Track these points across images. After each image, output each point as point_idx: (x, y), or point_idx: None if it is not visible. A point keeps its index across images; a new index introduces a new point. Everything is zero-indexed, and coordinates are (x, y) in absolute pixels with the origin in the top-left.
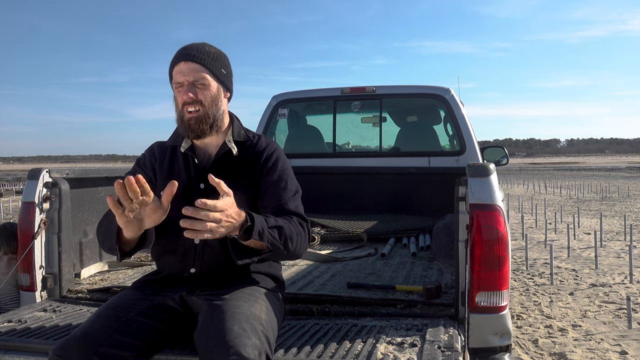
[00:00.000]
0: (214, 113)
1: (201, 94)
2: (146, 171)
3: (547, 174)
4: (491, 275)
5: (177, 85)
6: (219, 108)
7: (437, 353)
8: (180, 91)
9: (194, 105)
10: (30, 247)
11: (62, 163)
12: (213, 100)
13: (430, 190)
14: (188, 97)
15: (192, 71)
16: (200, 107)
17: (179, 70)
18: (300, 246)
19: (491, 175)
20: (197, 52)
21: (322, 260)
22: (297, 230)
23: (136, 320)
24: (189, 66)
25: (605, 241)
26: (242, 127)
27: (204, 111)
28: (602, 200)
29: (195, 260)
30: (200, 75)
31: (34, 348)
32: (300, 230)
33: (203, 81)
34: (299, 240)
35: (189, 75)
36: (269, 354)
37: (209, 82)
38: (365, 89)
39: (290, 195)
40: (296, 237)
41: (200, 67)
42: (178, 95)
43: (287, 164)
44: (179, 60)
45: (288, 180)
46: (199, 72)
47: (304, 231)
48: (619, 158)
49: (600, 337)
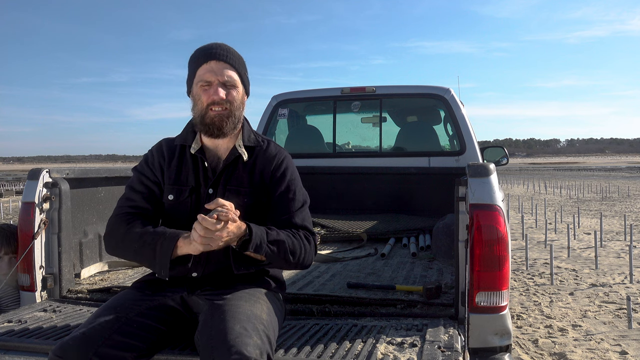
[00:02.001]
0: (239, 115)
1: (230, 95)
2: (154, 171)
3: (547, 174)
4: (491, 275)
5: (205, 83)
6: (242, 110)
7: (437, 353)
8: (208, 90)
9: (221, 105)
10: (30, 247)
11: (62, 163)
12: (240, 102)
13: (430, 190)
14: (218, 96)
15: (224, 71)
16: (228, 106)
17: (209, 69)
18: (304, 259)
19: (491, 175)
20: (227, 53)
21: (322, 260)
22: (301, 244)
23: (136, 321)
24: (220, 66)
25: (605, 241)
26: (252, 131)
27: (230, 110)
28: (602, 200)
29: (197, 266)
30: (231, 76)
31: (33, 348)
32: (305, 244)
33: (233, 82)
34: (302, 253)
35: (220, 75)
36: (270, 353)
37: (237, 84)
38: (365, 89)
39: (297, 206)
40: (299, 251)
41: (231, 67)
42: (204, 93)
43: (295, 173)
44: (209, 58)
45: (296, 191)
46: (229, 72)
47: (309, 245)
48: (619, 158)
49: (600, 337)
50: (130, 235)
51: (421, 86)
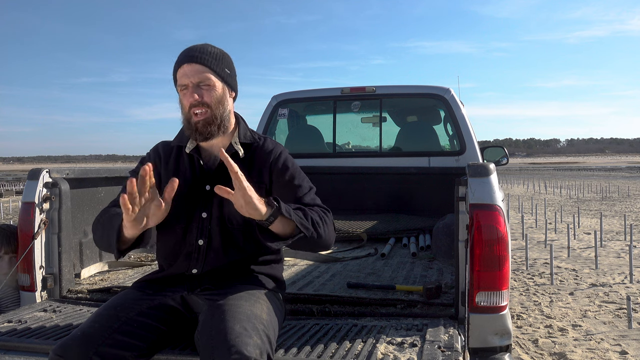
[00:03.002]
0: (221, 114)
1: (207, 96)
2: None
3: (547, 174)
4: (491, 275)
5: (182, 87)
6: (225, 108)
7: (437, 353)
8: (186, 94)
9: (200, 107)
10: (30, 247)
11: (62, 163)
12: (219, 101)
13: (430, 190)
14: (194, 99)
15: (196, 73)
16: (206, 108)
17: (182, 73)
18: (328, 232)
19: (491, 175)
20: (199, 54)
21: (322, 260)
22: (321, 216)
23: (136, 320)
24: (193, 68)
25: (605, 241)
26: (248, 129)
27: (211, 113)
28: (602, 200)
29: (197, 262)
30: (204, 77)
31: (34, 348)
32: (324, 216)
33: (208, 82)
34: (325, 226)
35: (193, 77)
36: (270, 353)
37: (213, 83)
38: (365, 89)
39: (305, 191)
40: (322, 223)
41: (204, 68)
42: (184, 97)
43: (296, 164)
44: (182, 62)
45: (301, 178)
46: (202, 73)
47: (327, 218)
48: (619, 158)
49: (600, 337)
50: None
51: (421, 86)
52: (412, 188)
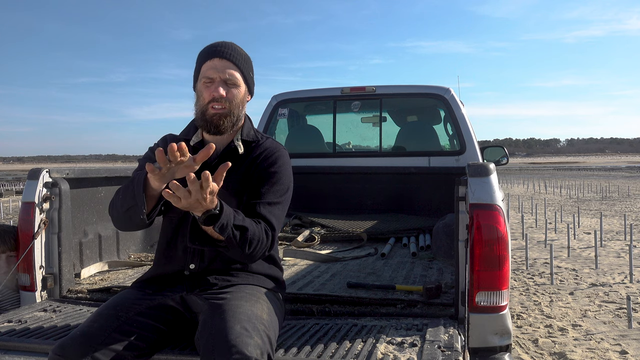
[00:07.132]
0: (238, 113)
1: (230, 93)
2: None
3: (547, 173)
4: (491, 275)
5: (207, 80)
6: (242, 109)
7: (437, 353)
8: (210, 87)
9: (221, 102)
10: (30, 247)
11: (62, 163)
12: (240, 101)
13: (430, 190)
14: (218, 94)
15: (226, 69)
16: (227, 105)
17: (212, 66)
18: (257, 252)
19: (491, 175)
20: (231, 51)
21: (322, 260)
22: (260, 237)
23: (136, 320)
24: (223, 64)
25: (605, 241)
26: (253, 128)
27: (229, 109)
28: (602, 200)
29: (195, 256)
30: (233, 74)
31: (33, 348)
32: (263, 238)
33: (235, 80)
34: (258, 246)
35: (222, 73)
36: (270, 353)
37: (240, 82)
38: (365, 89)
39: (272, 198)
40: (256, 243)
41: (234, 66)
42: (206, 90)
43: (285, 169)
44: (213, 56)
45: (278, 183)
46: (232, 71)
47: (267, 239)
48: (619, 158)
49: (600, 336)
50: (120, 193)
51: (421, 86)
52: (412, 188)
